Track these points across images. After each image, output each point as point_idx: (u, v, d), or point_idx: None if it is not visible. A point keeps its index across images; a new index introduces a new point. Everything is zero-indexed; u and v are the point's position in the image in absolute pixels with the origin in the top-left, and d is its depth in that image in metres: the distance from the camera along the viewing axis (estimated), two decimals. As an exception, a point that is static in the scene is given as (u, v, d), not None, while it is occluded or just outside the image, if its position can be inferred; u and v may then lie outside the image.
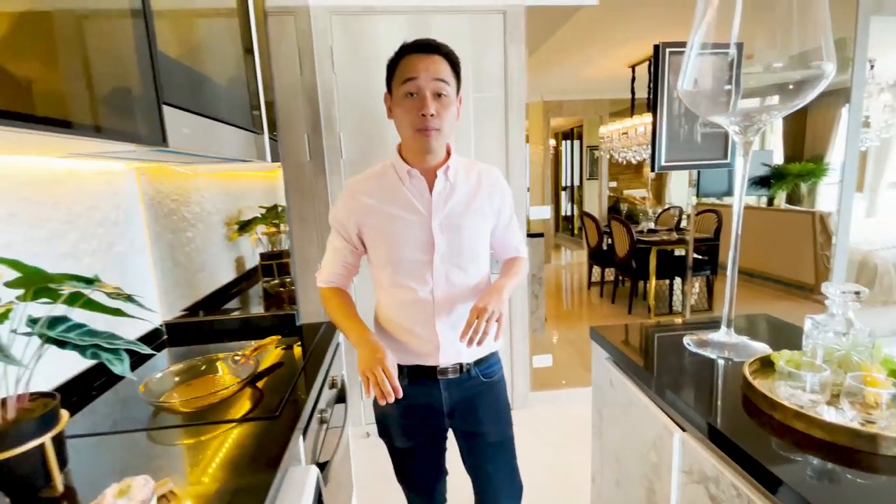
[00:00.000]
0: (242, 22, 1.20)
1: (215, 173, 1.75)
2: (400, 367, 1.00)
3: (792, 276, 4.07)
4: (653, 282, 3.69)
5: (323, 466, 1.01)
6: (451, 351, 1.03)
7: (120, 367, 0.67)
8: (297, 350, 1.27)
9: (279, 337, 1.24)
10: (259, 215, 1.92)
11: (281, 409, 0.90)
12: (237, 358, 1.07)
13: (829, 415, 0.71)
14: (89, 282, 0.70)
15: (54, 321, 0.67)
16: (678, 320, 1.32)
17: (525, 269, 1.15)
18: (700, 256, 3.87)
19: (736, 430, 0.72)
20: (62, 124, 0.57)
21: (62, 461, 0.70)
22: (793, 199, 5.05)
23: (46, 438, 0.65)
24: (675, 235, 3.89)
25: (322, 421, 1.07)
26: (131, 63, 0.71)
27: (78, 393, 1.01)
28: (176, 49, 0.84)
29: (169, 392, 0.97)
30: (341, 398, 1.33)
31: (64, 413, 0.71)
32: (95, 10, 0.67)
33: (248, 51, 1.24)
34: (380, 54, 2.01)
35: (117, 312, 0.74)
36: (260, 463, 0.74)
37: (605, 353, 1.16)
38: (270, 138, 1.32)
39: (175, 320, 1.43)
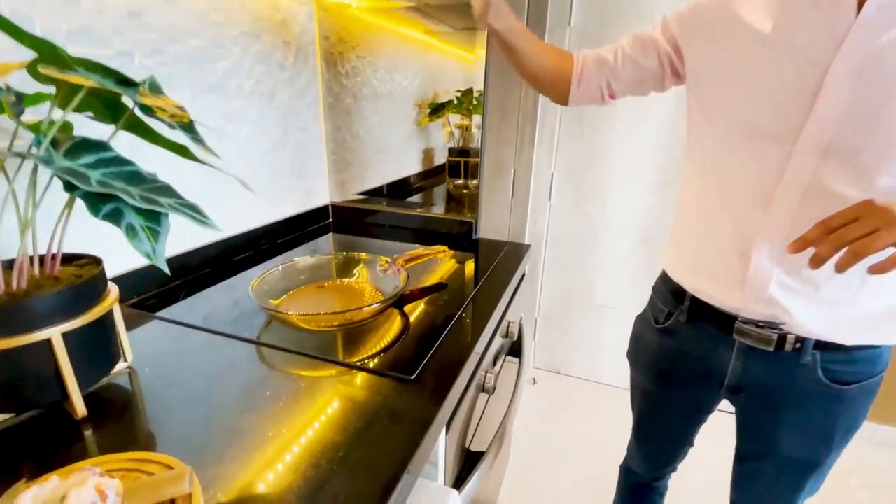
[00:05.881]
0: None
1: (410, 37, 1.40)
2: (680, 293, 0.66)
3: None
4: None
5: (473, 461, 0.65)
6: (763, 297, 0.57)
7: (147, 245, 0.37)
8: (469, 271, 0.90)
9: (446, 248, 0.88)
10: (454, 99, 1.56)
11: (423, 364, 0.54)
12: (384, 265, 0.75)
13: None
14: (126, 83, 0.39)
15: (81, 146, 0.39)
16: None
17: None
18: None
19: None
20: None
21: (103, 361, 0.47)
22: None
23: (67, 328, 0.41)
24: None
25: (483, 388, 0.70)
26: None
27: (198, 270, 0.84)
28: None
29: (291, 294, 0.70)
30: (515, 350, 0.94)
31: (112, 290, 0.46)
32: None
33: None
34: None
35: (183, 152, 0.43)
36: (370, 466, 0.39)
37: None
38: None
39: (343, 203, 1.21)
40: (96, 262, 0.46)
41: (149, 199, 0.38)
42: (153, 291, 0.72)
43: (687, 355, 0.69)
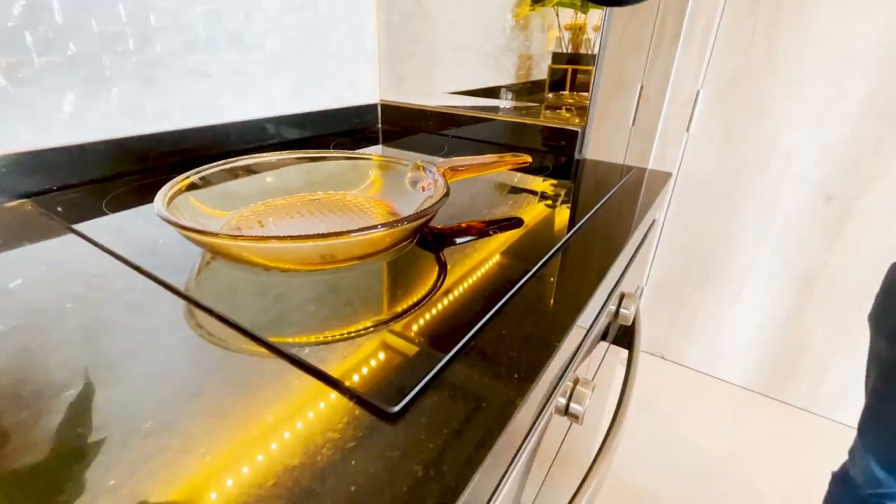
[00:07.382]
0: None
1: None
2: None
3: None
4: None
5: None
6: None
7: None
8: (563, 204, 0.55)
9: (529, 158, 0.54)
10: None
11: (424, 386, 0.23)
12: (419, 173, 0.43)
13: None
14: None
15: None
16: None
17: None
18: None
19: None
20: None
21: None
22: None
23: None
24: None
25: (566, 412, 0.38)
26: None
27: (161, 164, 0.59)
28: None
29: (246, 210, 0.42)
30: (626, 337, 0.59)
31: None
32: None
33: None
34: None
35: None
36: None
37: None
38: None
39: (399, 104, 0.90)
40: None
41: None
42: (73, 184, 0.49)
43: None
